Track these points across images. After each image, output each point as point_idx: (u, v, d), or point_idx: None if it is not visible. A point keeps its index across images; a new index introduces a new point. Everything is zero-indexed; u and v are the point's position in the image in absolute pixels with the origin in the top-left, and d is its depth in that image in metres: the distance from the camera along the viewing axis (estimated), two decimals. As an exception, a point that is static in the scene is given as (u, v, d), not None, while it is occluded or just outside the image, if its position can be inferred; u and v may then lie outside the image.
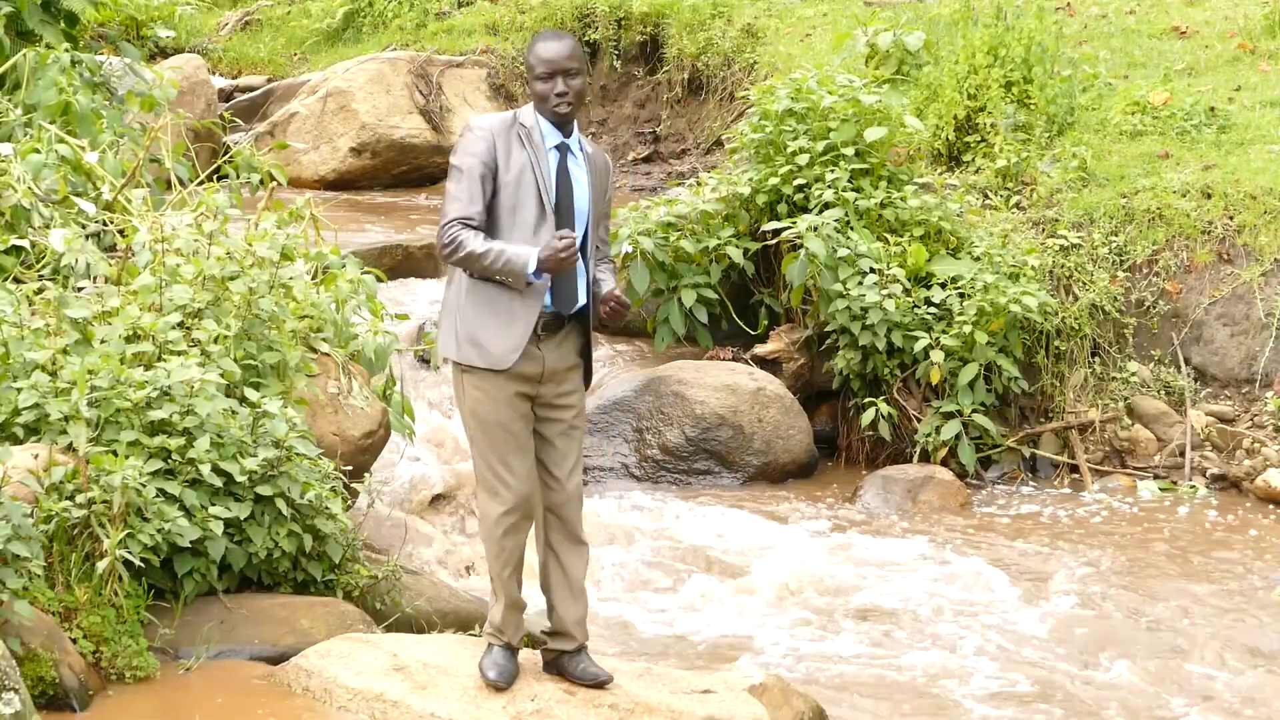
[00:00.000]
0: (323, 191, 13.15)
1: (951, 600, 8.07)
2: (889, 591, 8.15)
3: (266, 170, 8.96)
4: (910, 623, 7.83)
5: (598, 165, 5.73)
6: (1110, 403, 10.02)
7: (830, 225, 9.91)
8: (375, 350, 7.75)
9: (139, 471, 6.00)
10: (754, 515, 9.07)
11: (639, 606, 7.95)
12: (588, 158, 5.69)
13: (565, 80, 5.55)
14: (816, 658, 7.45)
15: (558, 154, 5.63)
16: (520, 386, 5.60)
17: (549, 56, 5.56)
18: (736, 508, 9.18)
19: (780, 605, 8.00)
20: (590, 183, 5.67)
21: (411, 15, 15.79)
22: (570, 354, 5.69)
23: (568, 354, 5.68)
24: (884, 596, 8.09)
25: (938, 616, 7.89)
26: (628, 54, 14.82)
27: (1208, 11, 13.37)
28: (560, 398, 5.68)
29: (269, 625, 6.31)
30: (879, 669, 7.37)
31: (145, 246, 7.18)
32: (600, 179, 5.72)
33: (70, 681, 5.70)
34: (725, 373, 9.94)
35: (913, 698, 7.10)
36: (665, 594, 8.12)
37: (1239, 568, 8.62)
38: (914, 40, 11.94)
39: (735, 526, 8.86)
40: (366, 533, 7.27)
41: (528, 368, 5.60)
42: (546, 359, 5.62)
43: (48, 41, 9.73)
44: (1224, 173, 10.40)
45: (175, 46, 15.59)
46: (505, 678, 5.74)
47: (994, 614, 7.95)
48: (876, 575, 8.35)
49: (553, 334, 5.64)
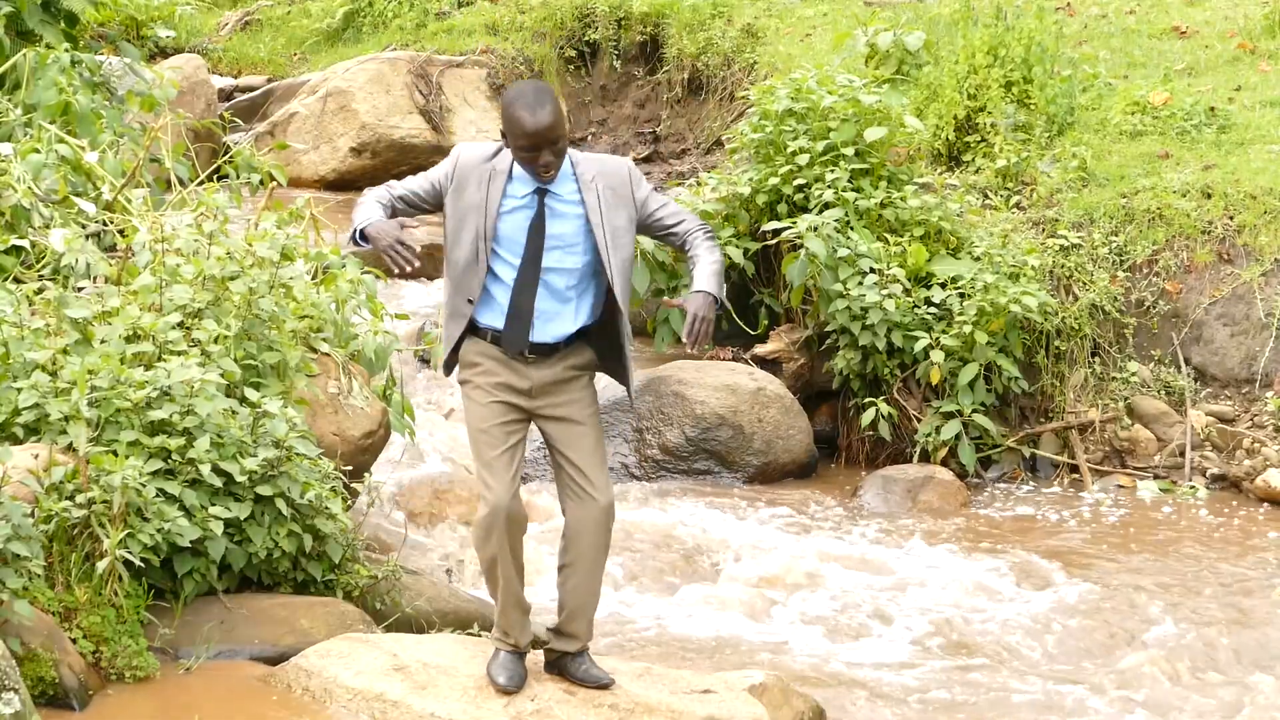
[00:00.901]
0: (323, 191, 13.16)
1: (951, 600, 8.07)
2: (889, 592, 8.15)
3: (266, 170, 8.96)
4: (910, 623, 7.83)
5: (609, 180, 5.59)
6: (1110, 403, 10.02)
7: (830, 225, 9.91)
8: (375, 350, 7.75)
9: (139, 471, 5.99)
10: (754, 515, 9.08)
11: (639, 606, 7.95)
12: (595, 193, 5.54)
13: (550, 151, 5.43)
14: (816, 658, 7.45)
15: (536, 199, 5.53)
16: (503, 396, 5.58)
17: (531, 130, 5.39)
18: (736, 508, 9.18)
19: (780, 605, 8.00)
20: (600, 207, 5.54)
21: (411, 15, 15.79)
22: (568, 369, 5.64)
23: (564, 370, 5.64)
24: (884, 597, 8.09)
25: (937, 616, 7.89)
26: (628, 54, 14.82)
27: (1208, 11, 13.37)
28: (560, 407, 5.63)
29: (269, 625, 6.31)
30: (879, 669, 7.37)
31: (145, 246, 7.18)
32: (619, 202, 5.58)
33: (70, 681, 5.69)
34: (725, 373, 9.94)
35: (912, 698, 7.10)
36: (665, 594, 8.12)
37: (1239, 568, 8.62)
38: (914, 40, 11.94)
39: (735, 527, 8.86)
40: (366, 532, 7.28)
41: (510, 379, 5.58)
42: (533, 374, 5.59)
43: (48, 41, 9.73)
44: (1224, 173, 10.40)
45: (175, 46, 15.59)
46: (515, 682, 5.71)
47: (994, 614, 7.95)
48: (876, 576, 8.35)
49: (545, 355, 5.60)
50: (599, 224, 5.55)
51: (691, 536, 8.68)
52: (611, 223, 5.57)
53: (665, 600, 8.07)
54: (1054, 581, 8.33)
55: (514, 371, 5.59)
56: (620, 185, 5.61)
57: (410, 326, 9.54)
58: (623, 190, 5.61)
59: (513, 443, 5.60)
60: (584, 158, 5.63)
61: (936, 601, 8.04)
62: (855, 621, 7.84)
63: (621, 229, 5.59)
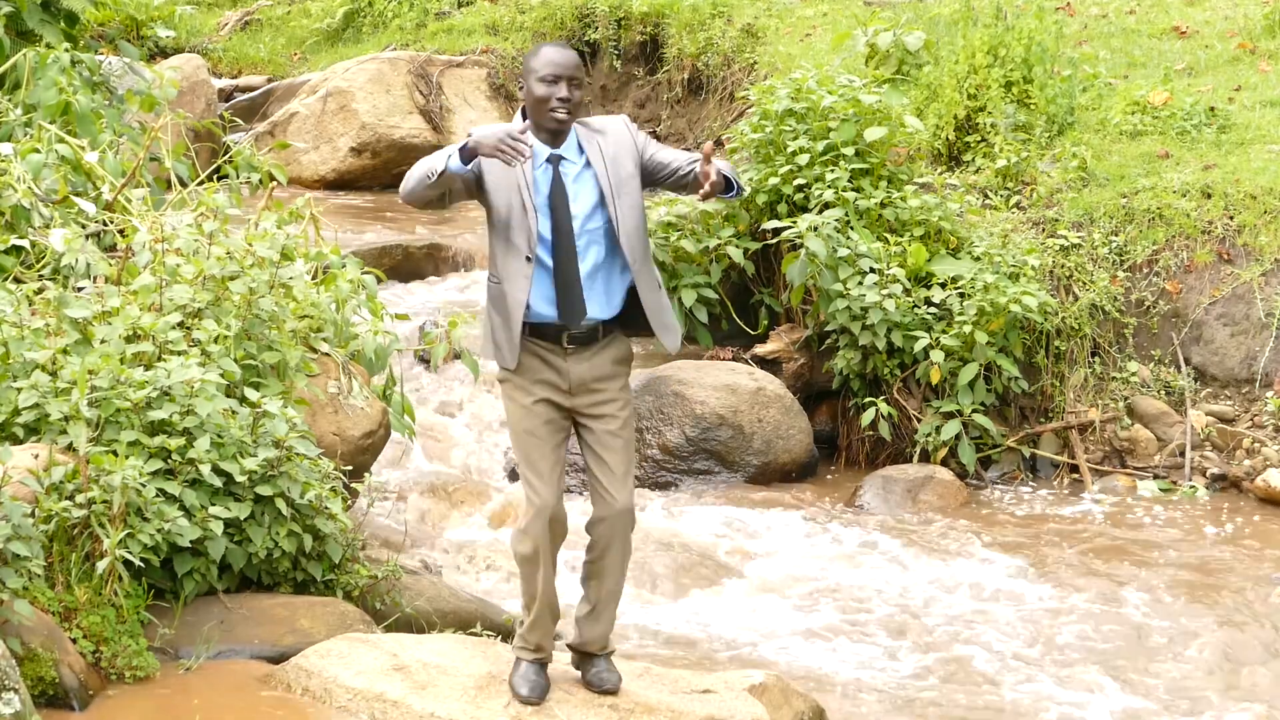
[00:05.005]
0: (323, 191, 13.18)
1: (951, 600, 8.08)
2: (888, 592, 8.15)
3: (266, 170, 8.96)
4: (910, 623, 7.83)
5: (613, 140, 5.58)
6: (1110, 403, 10.02)
7: (830, 225, 9.91)
8: (375, 350, 7.76)
9: (139, 471, 6.00)
10: (753, 515, 9.08)
11: (638, 606, 7.95)
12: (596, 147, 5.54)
13: (569, 87, 5.44)
14: (816, 657, 7.46)
15: (550, 167, 5.51)
16: (544, 393, 5.53)
17: (556, 60, 5.44)
18: (736, 508, 9.18)
19: (780, 605, 8.00)
20: (605, 164, 5.52)
21: (411, 15, 15.80)
22: (605, 364, 5.58)
23: (602, 364, 5.57)
24: (883, 597, 8.09)
25: (936, 617, 7.90)
26: (628, 54, 14.83)
27: (1208, 11, 13.37)
28: (597, 407, 5.57)
29: (269, 625, 6.32)
30: (879, 669, 7.38)
31: (145, 246, 7.18)
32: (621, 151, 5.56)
33: (70, 681, 5.70)
34: (725, 373, 9.93)
35: (912, 697, 7.10)
36: (665, 594, 8.12)
37: (1239, 568, 8.62)
38: (914, 40, 11.94)
39: (735, 527, 8.86)
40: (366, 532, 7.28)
41: (549, 377, 5.53)
42: (573, 371, 5.53)
43: (48, 41, 9.73)
44: (1224, 173, 10.40)
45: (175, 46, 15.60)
46: (537, 693, 5.66)
47: (993, 614, 7.95)
48: (876, 575, 8.35)
49: (585, 346, 5.55)
50: (604, 173, 5.51)
51: (691, 537, 8.68)
52: (616, 173, 5.54)
53: (665, 600, 8.07)
54: (1054, 581, 8.33)
55: (553, 369, 5.54)
56: (620, 135, 5.59)
57: (410, 326, 9.53)
58: (623, 139, 5.59)
59: (556, 443, 5.55)
60: (581, 123, 5.60)
61: (936, 601, 8.05)
62: (855, 621, 7.84)
63: (627, 176, 5.54)
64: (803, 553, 8.55)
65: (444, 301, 10.68)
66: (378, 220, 12.52)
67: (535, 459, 5.52)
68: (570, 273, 5.49)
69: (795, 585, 8.20)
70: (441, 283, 11.28)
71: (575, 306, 5.50)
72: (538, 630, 5.68)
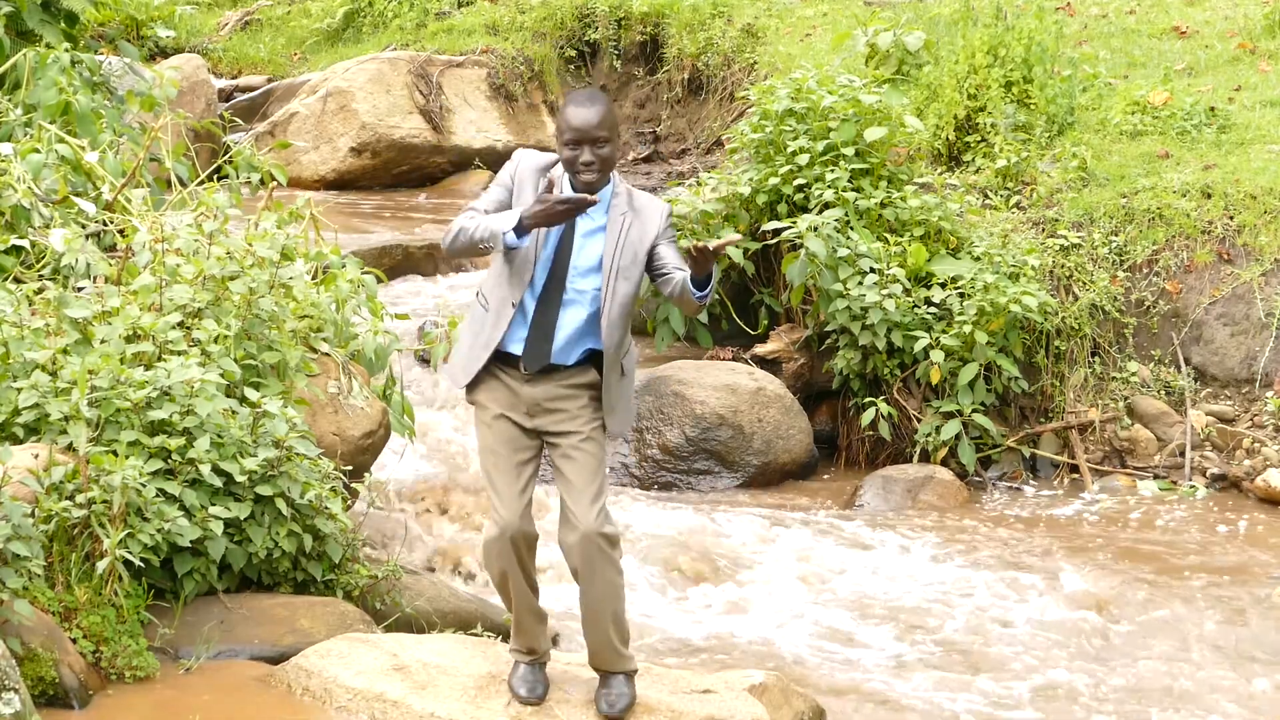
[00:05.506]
0: (323, 191, 13.18)
1: (951, 601, 8.07)
2: (889, 592, 8.15)
3: (266, 170, 8.96)
4: (910, 623, 7.83)
5: (642, 217, 5.50)
6: (1110, 403, 10.02)
7: (830, 225, 9.91)
8: (375, 350, 7.76)
9: (139, 471, 6.00)
10: (754, 515, 9.07)
11: (638, 606, 7.94)
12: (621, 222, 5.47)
13: (592, 149, 5.34)
14: (817, 658, 7.46)
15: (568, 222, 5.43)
16: (504, 411, 5.53)
17: (577, 124, 5.33)
18: (736, 508, 9.18)
19: (780, 605, 8.00)
20: (620, 240, 5.46)
21: (411, 15, 15.80)
22: (561, 387, 5.52)
23: (556, 388, 5.52)
24: (884, 597, 8.09)
25: (937, 617, 7.90)
26: (628, 54, 14.83)
27: (1208, 11, 13.37)
28: (559, 424, 5.53)
29: (269, 625, 6.32)
30: (879, 669, 7.37)
31: (145, 246, 7.18)
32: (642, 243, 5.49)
33: (70, 681, 5.70)
34: (725, 373, 9.93)
35: (911, 697, 7.10)
36: (664, 594, 8.12)
37: (1239, 568, 8.62)
38: (914, 40, 11.94)
39: (735, 527, 8.86)
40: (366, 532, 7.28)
41: (505, 396, 5.52)
42: (525, 392, 5.50)
43: (48, 41, 9.73)
44: (1224, 173, 10.41)
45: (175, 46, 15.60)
46: (536, 694, 5.68)
47: (993, 615, 7.95)
48: (876, 576, 8.35)
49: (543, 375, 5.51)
50: (612, 249, 5.47)
51: (691, 537, 8.67)
52: (625, 256, 5.48)
53: (665, 600, 8.07)
54: (1054, 581, 8.33)
55: (510, 391, 5.53)
56: (648, 227, 5.50)
57: (410, 326, 9.53)
58: (649, 233, 5.50)
59: (518, 460, 5.52)
60: (627, 190, 5.54)
61: (936, 601, 8.04)
62: (854, 621, 7.84)
63: (631, 264, 5.49)
64: (802, 553, 8.54)
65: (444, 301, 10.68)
66: (378, 220, 12.52)
67: (494, 476, 5.52)
68: (547, 323, 5.47)
69: (795, 585, 8.19)
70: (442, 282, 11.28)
71: (540, 353, 5.49)
72: (524, 634, 5.70)
